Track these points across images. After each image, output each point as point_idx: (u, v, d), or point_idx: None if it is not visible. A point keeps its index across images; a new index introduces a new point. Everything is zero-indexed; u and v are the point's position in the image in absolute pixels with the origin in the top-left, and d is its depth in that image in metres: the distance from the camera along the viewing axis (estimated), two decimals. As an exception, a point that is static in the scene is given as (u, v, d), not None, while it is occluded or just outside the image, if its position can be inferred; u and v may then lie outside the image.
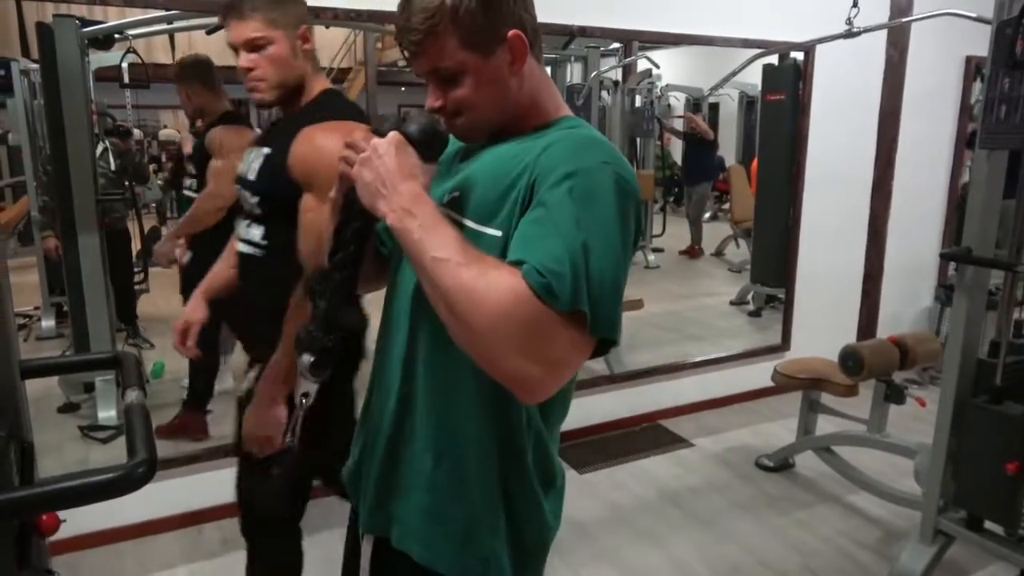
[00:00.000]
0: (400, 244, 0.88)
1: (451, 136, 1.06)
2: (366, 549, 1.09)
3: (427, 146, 0.94)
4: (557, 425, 1.06)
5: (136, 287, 4.09)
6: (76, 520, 1.61)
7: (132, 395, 0.88)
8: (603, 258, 0.84)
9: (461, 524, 0.98)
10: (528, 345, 0.82)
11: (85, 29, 2.82)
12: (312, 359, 0.96)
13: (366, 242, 0.99)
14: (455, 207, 0.96)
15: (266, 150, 1.55)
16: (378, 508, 1.04)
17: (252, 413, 1.51)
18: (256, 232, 1.58)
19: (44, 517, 0.88)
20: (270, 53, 1.48)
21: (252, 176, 1.57)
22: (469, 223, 0.94)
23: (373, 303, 1.18)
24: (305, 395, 1.00)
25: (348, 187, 0.94)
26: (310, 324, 0.96)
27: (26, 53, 3.63)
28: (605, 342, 0.87)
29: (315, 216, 1.38)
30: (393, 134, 0.92)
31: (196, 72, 2.93)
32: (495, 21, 0.93)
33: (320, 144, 1.44)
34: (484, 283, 0.81)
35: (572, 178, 0.86)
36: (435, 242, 0.84)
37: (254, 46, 1.47)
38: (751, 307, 4.80)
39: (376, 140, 0.92)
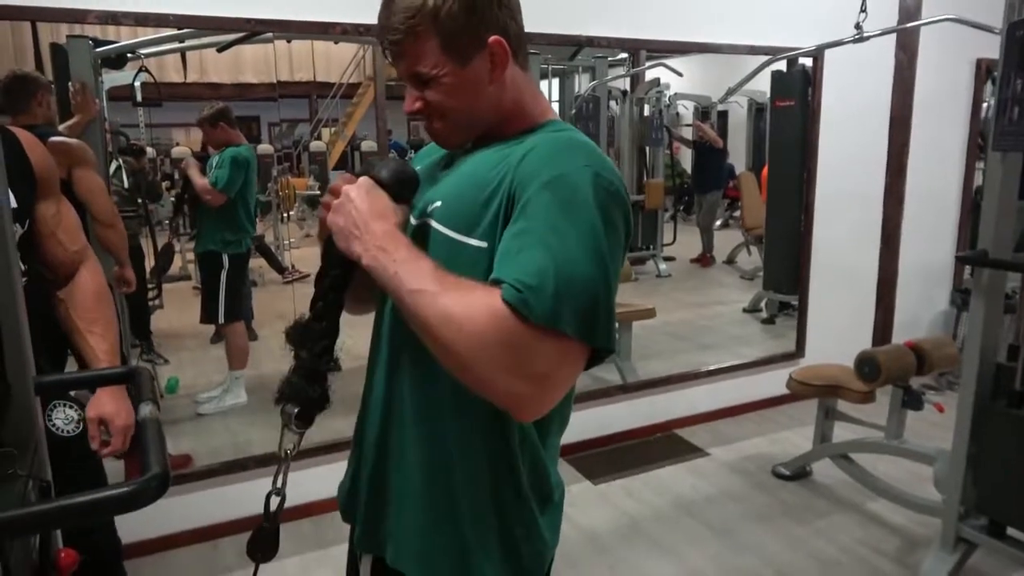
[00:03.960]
0: (378, 282, 0.88)
1: (434, 143, 1.05)
2: (364, 569, 1.08)
3: (398, 188, 0.94)
4: (555, 438, 1.03)
5: (150, 303, 4.12)
6: (91, 536, 1.60)
7: (146, 410, 0.88)
8: (588, 265, 0.82)
9: (455, 542, 0.96)
10: (514, 364, 0.80)
11: (98, 49, 2.86)
12: (297, 409, 0.96)
13: (344, 291, 0.99)
14: (438, 218, 0.95)
15: None
16: (373, 527, 1.03)
17: None
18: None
19: (63, 555, 0.89)
20: None
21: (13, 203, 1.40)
22: (452, 234, 0.93)
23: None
24: (289, 449, 0.99)
25: (327, 234, 0.94)
26: (293, 375, 0.96)
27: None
28: (600, 351, 0.86)
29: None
30: (363, 179, 0.92)
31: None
32: (477, 26, 0.91)
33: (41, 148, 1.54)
34: (462, 308, 0.80)
35: (551, 184, 0.85)
36: (411, 276, 0.84)
37: None
38: (764, 314, 4.76)
39: (347, 186, 0.92)
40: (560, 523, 1.07)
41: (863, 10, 2.72)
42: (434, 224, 0.95)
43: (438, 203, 0.96)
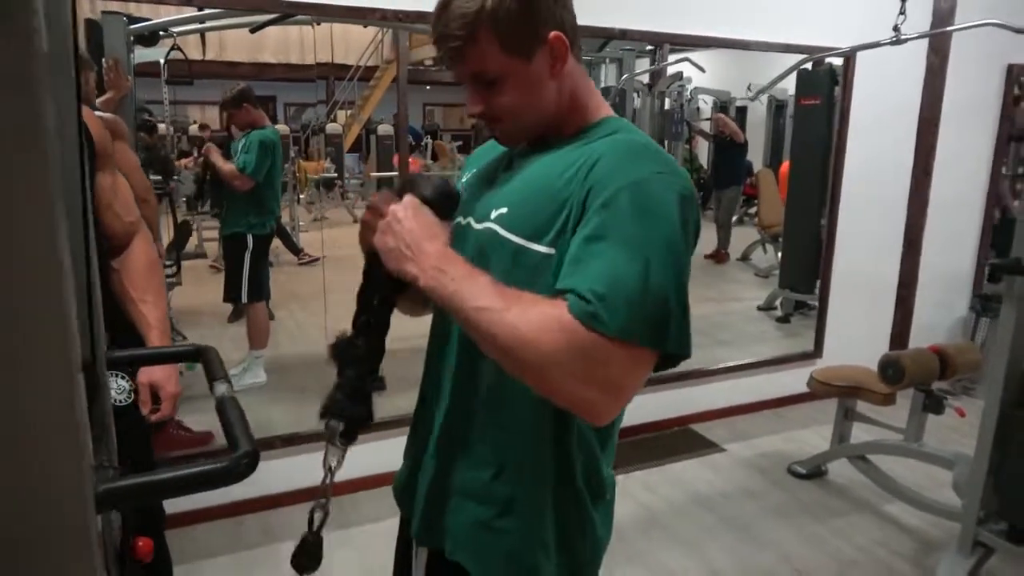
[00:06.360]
0: (436, 302, 0.88)
1: (493, 141, 1.07)
2: (420, 560, 1.09)
3: (443, 206, 0.96)
4: (611, 439, 1.05)
5: (169, 280, 4.13)
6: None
7: (222, 388, 0.89)
8: (665, 272, 0.83)
9: (513, 537, 0.98)
10: (587, 375, 0.81)
11: (132, 26, 2.86)
12: (342, 427, 0.97)
13: (391, 311, 1.00)
14: (503, 223, 0.95)
15: None
16: (432, 520, 1.04)
17: None
18: None
19: (140, 543, 0.91)
20: None
21: None
22: (517, 239, 0.93)
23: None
24: (333, 464, 1.00)
25: (370, 253, 0.95)
26: (338, 392, 0.97)
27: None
28: (674, 355, 0.86)
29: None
30: (409, 197, 0.93)
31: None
32: (535, 23, 0.91)
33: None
34: (530, 324, 0.81)
35: (627, 191, 0.85)
36: (471, 294, 0.84)
37: None
38: (779, 313, 4.77)
39: (394, 206, 0.92)
40: (612, 518, 1.08)
41: (902, 12, 2.70)
42: (499, 230, 0.95)
43: (504, 209, 0.96)
